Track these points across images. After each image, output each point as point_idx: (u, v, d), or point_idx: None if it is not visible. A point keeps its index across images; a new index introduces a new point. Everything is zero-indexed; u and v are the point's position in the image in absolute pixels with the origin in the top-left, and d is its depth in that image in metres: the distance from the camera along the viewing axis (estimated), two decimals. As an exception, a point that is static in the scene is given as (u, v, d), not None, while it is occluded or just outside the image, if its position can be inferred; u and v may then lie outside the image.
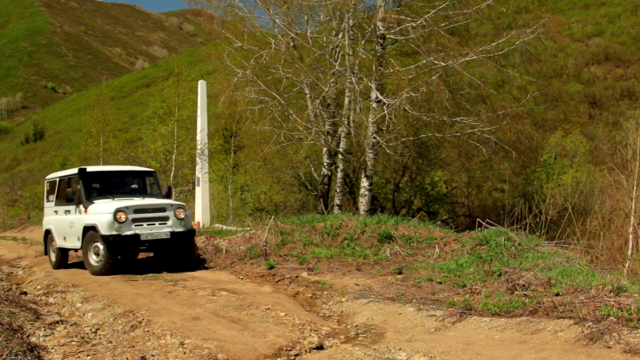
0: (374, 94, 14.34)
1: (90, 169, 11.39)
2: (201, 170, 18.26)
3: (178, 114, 20.73)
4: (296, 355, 5.63)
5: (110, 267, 9.98)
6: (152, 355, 5.40)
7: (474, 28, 15.57)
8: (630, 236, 10.71)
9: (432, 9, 13.87)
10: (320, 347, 5.86)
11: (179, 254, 10.74)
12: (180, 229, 10.42)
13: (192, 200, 19.15)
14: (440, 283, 8.54)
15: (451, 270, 9.22)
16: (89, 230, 10.20)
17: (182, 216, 10.50)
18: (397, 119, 13.61)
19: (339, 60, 15.13)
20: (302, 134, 15.18)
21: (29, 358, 5.00)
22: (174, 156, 19.09)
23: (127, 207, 10.02)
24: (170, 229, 10.30)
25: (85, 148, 27.39)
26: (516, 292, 7.19)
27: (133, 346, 5.73)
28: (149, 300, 7.61)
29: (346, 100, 15.28)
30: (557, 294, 6.57)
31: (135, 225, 10.04)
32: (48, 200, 12.26)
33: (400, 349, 5.59)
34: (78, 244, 10.69)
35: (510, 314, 6.25)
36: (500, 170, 23.17)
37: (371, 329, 6.64)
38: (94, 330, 6.55)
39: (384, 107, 13.65)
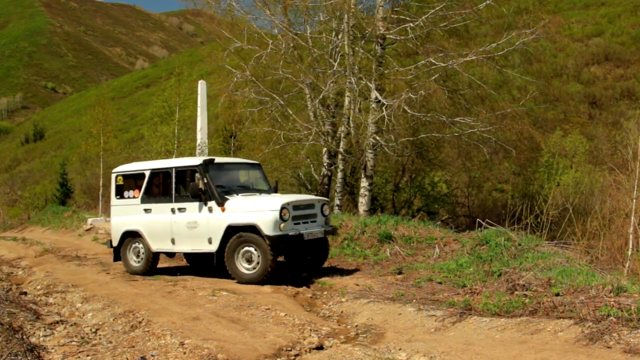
0: (373, 94, 14.34)
1: (217, 160, 9.90)
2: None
3: (179, 114, 20.76)
4: (296, 355, 5.63)
5: (270, 274, 8.63)
6: (152, 355, 5.40)
7: (473, 28, 15.56)
8: (631, 236, 10.70)
9: (431, 9, 13.87)
10: (320, 347, 5.86)
11: (321, 255, 9.63)
12: (329, 227, 9.54)
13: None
14: (440, 283, 8.54)
15: (451, 270, 9.23)
16: (238, 231, 8.83)
17: (328, 213, 9.56)
18: (396, 119, 13.61)
19: (338, 61, 15.13)
20: (302, 134, 15.19)
21: (29, 358, 5.00)
22: (174, 156, 19.11)
23: (288, 204, 8.82)
24: (322, 227, 9.35)
25: (86, 148, 27.41)
26: (516, 292, 7.19)
27: (133, 346, 5.73)
28: (149, 301, 7.61)
29: (346, 101, 15.28)
30: (557, 294, 6.57)
31: (295, 224, 8.93)
32: (122, 197, 10.58)
33: (400, 349, 5.59)
34: (205, 247, 9.26)
35: (510, 314, 6.25)
36: (500, 170, 23.16)
37: (371, 329, 6.64)
38: (94, 330, 6.55)
39: (383, 108, 13.66)
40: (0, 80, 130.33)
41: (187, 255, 10.76)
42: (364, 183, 14.69)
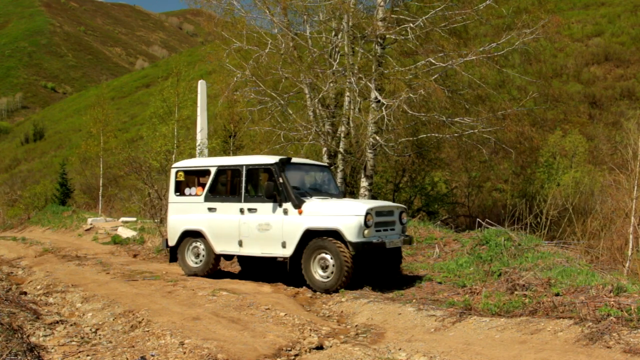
0: (373, 94, 14.34)
1: (294, 159, 9.37)
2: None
3: (178, 113, 20.77)
4: (296, 355, 5.63)
5: (346, 282, 8.13)
6: (152, 355, 5.40)
7: (473, 29, 15.57)
8: (631, 236, 10.72)
9: (431, 9, 13.88)
10: (320, 347, 5.86)
11: (393, 264, 9.04)
12: (406, 237, 9.05)
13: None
14: (440, 283, 8.55)
15: (451, 270, 9.24)
16: (317, 236, 8.34)
17: (405, 221, 9.10)
18: (396, 119, 13.61)
19: (338, 60, 15.13)
20: (301, 134, 15.19)
21: (28, 358, 5.00)
22: (174, 156, 19.10)
23: (372, 209, 8.30)
24: (401, 236, 8.88)
25: (86, 148, 27.41)
26: (516, 292, 7.19)
27: (133, 346, 5.72)
28: (149, 300, 7.61)
29: (346, 101, 15.28)
30: (557, 294, 6.57)
31: (376, 231, 8.43)
32: (182, 194, 9.88)
33: (400, 349, 5.59)
34: (277, 252, 8.72)
35: (510, 314, 6.25)
36: (500, 170, 23.17)
37: (371, 329, 6.64)
38: (93, 330, 6.55)
39: (383, 108, 13.66)
40: (0, 80, 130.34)
41: (241, 258, 10.06)
42: (364, 183, 14.69)
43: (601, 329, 5.23)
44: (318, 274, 8.35)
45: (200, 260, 9.63)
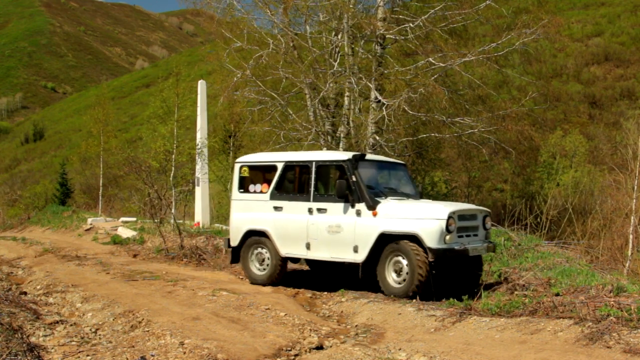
0: (373, 94, 14.34)
1: (368, 156, 8.72)
2: (201, 171, 18.28)
3: (178, 114, 20.76)
4: (296, 355, 5.63)
5: (420, 289, 7.45)
6: (152, 355, 5.39)
7: (473, 29, 15.58)
8: (631, 236, 10.72)
9: (431, 9, 13.88)
10: (320, 347, 5.86)
11: (476, 275, 8.21)
12: (490, 243, 8.26)
13: (192, 200, 19.15)
14: (440, 283, 8.53)
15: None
16: (392, 241, 7.68)
17: (489, 226, 8.33)
18: (396, 119, 13.62)
19: (338, 60, 15.14)
20: (301, 134, 15.19)
21: (28, 358, 5.00)
22: (173, 156, 19.10)
23: (454, 212, 7.61)
24: (484, 243, 8.10)
25: (86, 148, 27.40)
26: (516, 292, 7.20)
27: (133, 346, 5.72)
28: (149, 300, 7.61)
29: (346, 101, 15.29)
30: (557, 294, 6.58)
31: (458, 237, 7.70)
32: (246, 191, 9.21)
33: (400, 349, 5.60)
34: (349, 256, 8.02)
35: (510, 314, 6.25)
36: (500, 170, 23.17)
37: (371, 329, 6.64)
38: (93, 330, 6.55)
39: (383, 108, 13.66)
40: (0, 80, 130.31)
41: (309, 259, 9.26)
42: (364, 183, 14.68)
43: (601, 329, 5.23)
44: (391, 278, 7.72)
45: (265, 268, 8.93)
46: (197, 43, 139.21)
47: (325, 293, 8.51)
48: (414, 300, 7.37)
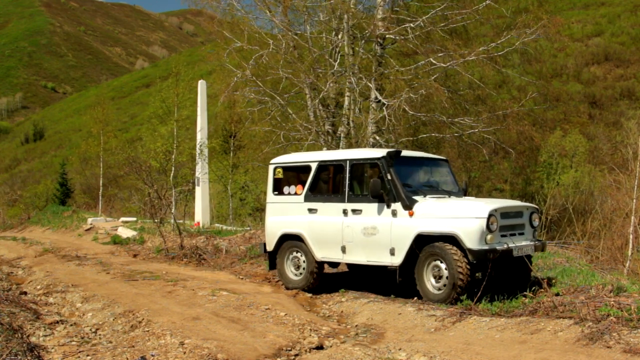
0: (373, 94, 14.35)
1: (405, 152, 8.23)
2: (201, 170, 18.29)
3: (177, 114, 20.77)
4: (296, 355, 5.63)
5: (461, 294, 6.90)
6: (152, 355, 5.40)
7: (473, 29, 15.59)
8: (631, 236, 10.72)
9: (431, 9, 13.89)
10: (320, 347, 5.86)
11: (524, 276, 7.63)
12: (538, 242, 7.65)
13: (192, 200, 19.17)
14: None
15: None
16: (430, 242, 7.20)
17: (537, 223, 7.73)
18: (396, 119, 13.62)
19: (338, 60, 15.14)
20: (301, 134, 15.19)
21: (28, 358, 5.00)
22: (173, 156, 19.10)
23: (496, 210, 7.07)
24: (532, 242, 7.54)
25: (86, 148, 27.42)
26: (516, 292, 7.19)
27: (133, 346, 5.72)
28: (149, 300, 7.61)
29: (346, 101, 15.29)
30: (557, 294, 6.58)
31: (502, 236, 7.18)
32: (281, 193, 8.82)
33: (400, 349, 5.59)
34: (385, 259, 7.56)
35: (510, 314, 6.26)
36: (500, 170, 23.18)
37: (371, 329, 6.64)
38: (94, 330, 6.55)
39: (383, 108, 13.67)
40: (0, 80, 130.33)
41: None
42: (364, 183, 14.68)
43: (601, 329, 5.23)
44: (430, 283, 7.23)
45: (301, 273, 8.60)
46: (197, 43, 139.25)
47: (325, 293, 8.51)
48: (414, 300, 7.36)
